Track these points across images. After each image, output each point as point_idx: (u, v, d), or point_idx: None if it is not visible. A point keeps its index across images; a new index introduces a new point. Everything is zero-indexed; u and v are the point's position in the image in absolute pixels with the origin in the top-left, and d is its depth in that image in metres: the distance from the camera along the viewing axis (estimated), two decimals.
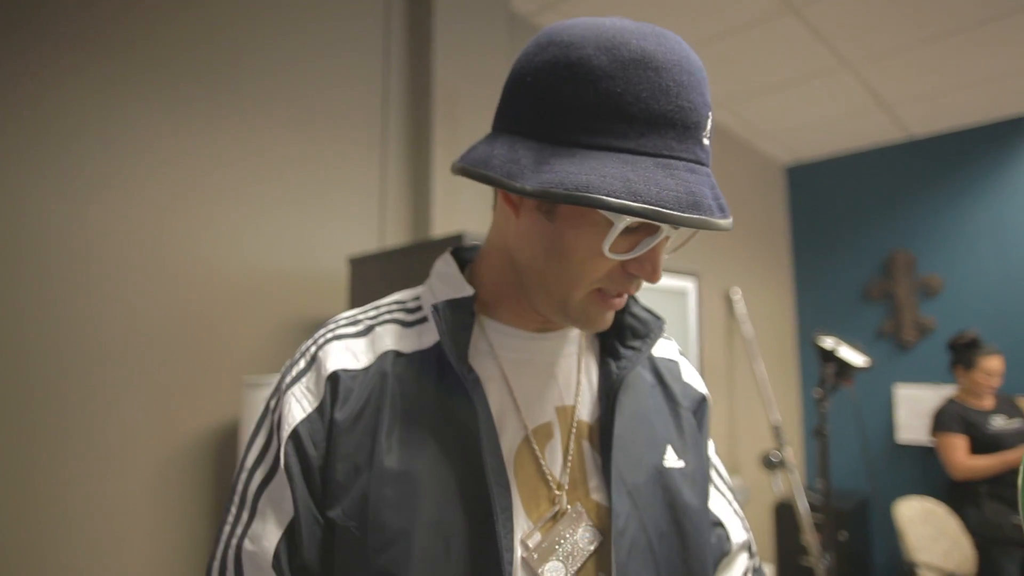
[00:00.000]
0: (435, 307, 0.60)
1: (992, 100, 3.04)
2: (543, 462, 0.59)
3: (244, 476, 0.58)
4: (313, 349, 0.61)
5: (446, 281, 0.64)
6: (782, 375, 3.74)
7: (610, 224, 0.50)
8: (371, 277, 1.52)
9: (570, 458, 0.60)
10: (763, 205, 3.79)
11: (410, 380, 0.58)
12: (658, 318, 0.70)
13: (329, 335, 0.62)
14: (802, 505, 2.69)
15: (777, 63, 2.64)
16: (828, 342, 2.36)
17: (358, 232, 1.78)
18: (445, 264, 0.66)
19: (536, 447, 0.59)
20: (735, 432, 3.24)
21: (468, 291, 0.61)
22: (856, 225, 3.73)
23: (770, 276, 3.76)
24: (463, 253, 0.70)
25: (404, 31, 1.94)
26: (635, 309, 0.69)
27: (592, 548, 0.57)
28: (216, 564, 0.56)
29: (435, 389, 0.58)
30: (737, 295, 3.29)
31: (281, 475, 0.56)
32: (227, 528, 0.57)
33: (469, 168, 0.54)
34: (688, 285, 1.81)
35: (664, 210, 0.46)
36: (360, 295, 1.54)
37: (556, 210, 0.53)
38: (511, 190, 0.50)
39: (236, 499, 0.58)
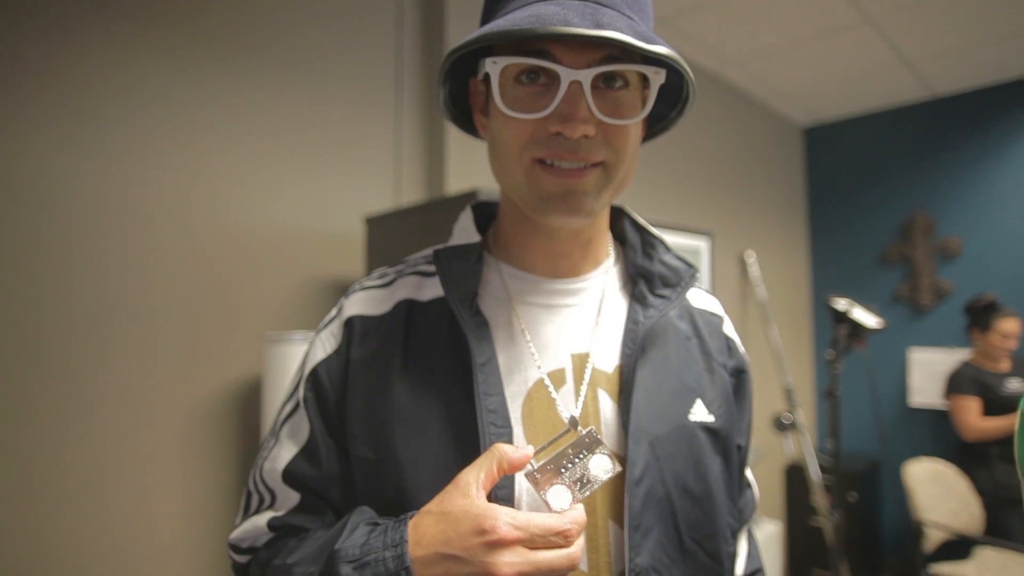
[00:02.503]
0: (436, 253, 0.62)
1: (1018, 56, 2.95)
2: (558, 405, 0.59)
3: (278, 411, 0.65)
4: (343, 300, 0.66)
5: (461, 232, 0.66)
6: (796, 338, 3.74)
7: (496, 79, 0.54)
8: (387, 236, 1.54)
9: (584, 403, 0.60)
10: (780, 167, 3.74)
11: (425, 326, 0.61)
12: (690, 266, 0.70)
13: (358, 287, 0.66)
14: (812, 466, 2.72)
15: (796, 19, 2.58)
16: (841, 303, 2.36)
17: (374, 191, 1.79)
18: (464, 216, 0.68)
19: (551, 390, 0.60)
20: None
21: (474, 238, 0.63)
22: (875, 187, 3.67)
23: (785, 239, 3.73)
24: (490, 207, 0.72)
25: None
26: (666, 258, 0.69)
27: (606, 478, 0.52)
28: (251, 480, 0.64)
29: (447, 333, 0.60)
30: (751, 258, 3.27)
31: (301, 408, 0.62)
32: (262, 452, 0.64)
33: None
34: (701, 245, 1.81)
35: (495, 31, 0.49)
36: (376, 253, 1.56)
37: (488, 103, 0.59)
38: (442, 65, 0.56)
39: (270, 429, 0.65)
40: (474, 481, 0.49)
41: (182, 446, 1.44)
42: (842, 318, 2.34)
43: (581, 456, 0.53)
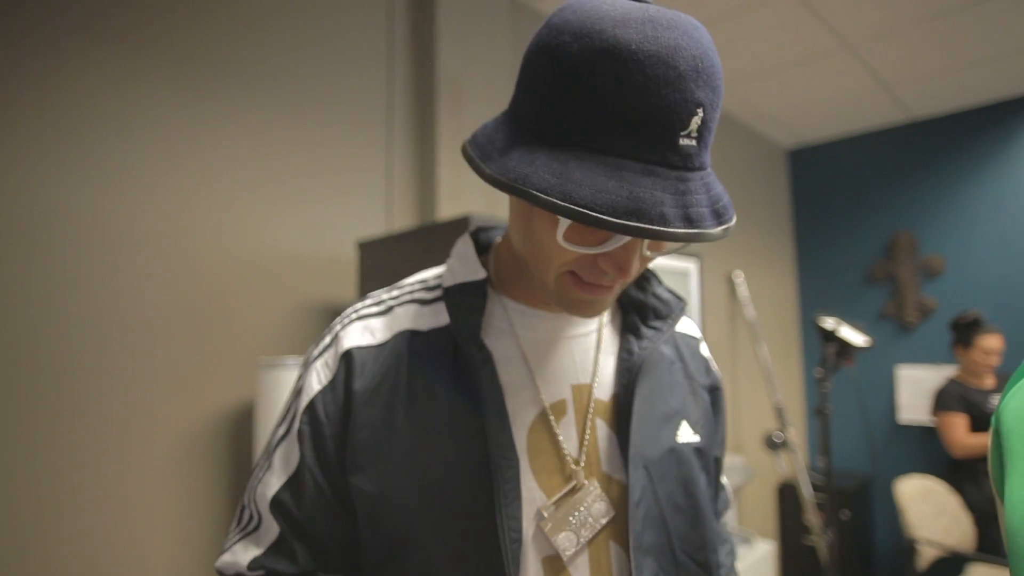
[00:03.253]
0: (446, 290, 0.63)
1: (994, 80, 3.04)
2: (559, 438, 0.61)
3: (272, 430, 0.65)
4: (337, 328, 0.66)
5: (463, 262, 0.67)
6: (785, 357, 3.78)
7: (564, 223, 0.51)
8: (379, 260, 1.56)
9: (587, 436, 0.62)
10: (765, 189, 3.80)
11: (427, 356, 0.62)
12: (680, 299, 0.73)
13: (353, 315, 0.66)
14: (804, 485, 2.73)
15: (777, 45, 2.65)
16: (829, 322, 2.39)
17: (366, 217, 1.81)
18: (464, 245, 0.69)
19: (552, 422, 0.61)
20: (738, 413, 3.28)
21: (480, 275, 0.64)
22: (859, 207, 3.75)
23: (772, 259, 3.78)
24: (486, 234, 0.73)
25: (407, 17, 1.96)
26: (659, 291, 0.72)
27: (604, 521, 0.59)
28: (246, 496, 0.65)
29: (451, 365, 0.61)
30: (739, 278, 3.31)
31: (293, 436, 0.62)
32: (257, 473, 0.65)
33: (464, 143, 0.56)
34: (690, 267, 1.83)
35: (590, 213, 0.45)
36: (369, 278, 1.58)
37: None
38: (476, 171, 0.51)
39: (264, 448, 0.66)
40: None
41: (174, 472, 1.43)
42: (830, 336, 2.38)
43: (584, 505, 0.60)
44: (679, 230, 0.46)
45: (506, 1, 2.10)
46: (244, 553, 0.61)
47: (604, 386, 0.65)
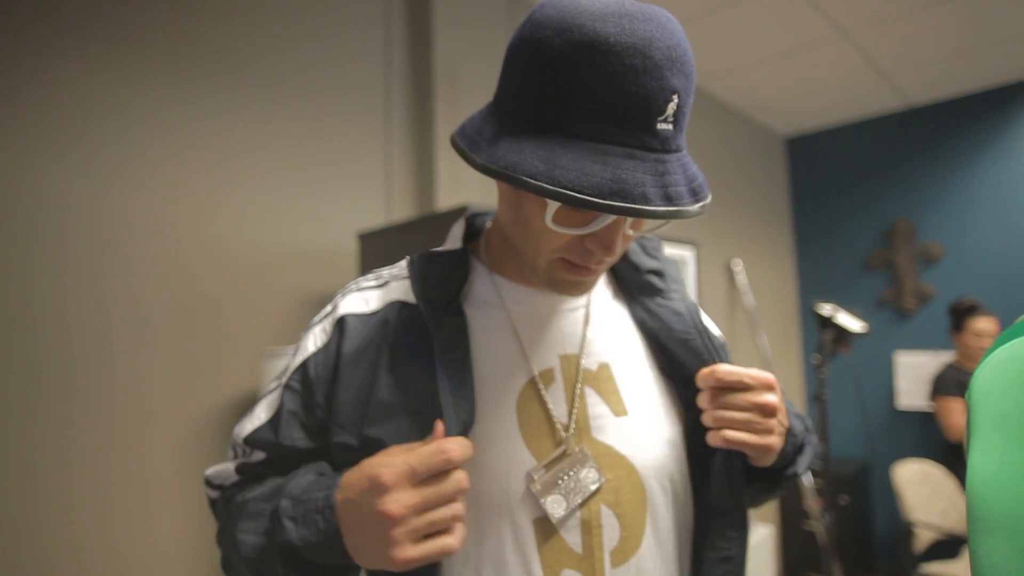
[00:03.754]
0: (410, 258, 0.67)
1: (990, 66, 3.05)
2: (547, 403, 0.64)
3: (264, 390, 0.71)
4: (338, 297, 0.70)
5: (450, 241, 0.71)
6: (784, 345, 3.80)
7: (552, 206, 0.54)
8: (380, 251, 1.58)
9: (576, 403, 0.65)
10: (763, 177, 3.81)
11: (412, 325, 0.65)
12: (672, 261, 0.78)
13: (354, 287, 0.70)
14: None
15: (773, 34, 2.66)
16: (826, 308, 2.41)
17: (366, 208, 1.83)
18: (456, 226, 0.73)
19: (541, 389, 0.64)
20: None
21: (456, 246, 0.68)
22: (857, 195, 3.76)
23: (771, 247, 3.80)
24: (481, 218, 0.76)
25: (404, 10, 1.97)
26: (665, 256, 0.77)
27: (594, 488, 0.61)
28: (231, 445, 0.71)
29: (431, 332, 0.64)
30: (738, 266, 3.33)
31: (280, 390, 0.67)
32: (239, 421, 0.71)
33: (452, 136, 0.59)
34: (687, 254, 1.85)
35: (579, 195, 0.48)
36: (369, 268, 1.59)
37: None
38: (467, 161, 0.54)
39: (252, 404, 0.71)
40: (400, 449, 0.55)
41: (178, 461, 1.46)
42: (827, 323, 2.40)
43: (574, 470, 0.62)
44: (660, 208, 0.50)
45: None
46: (232, 463, 0.69)
47: (592, 356, 0.68)
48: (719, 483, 0.67)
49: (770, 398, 0.63)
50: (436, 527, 0.52)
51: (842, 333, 2.38)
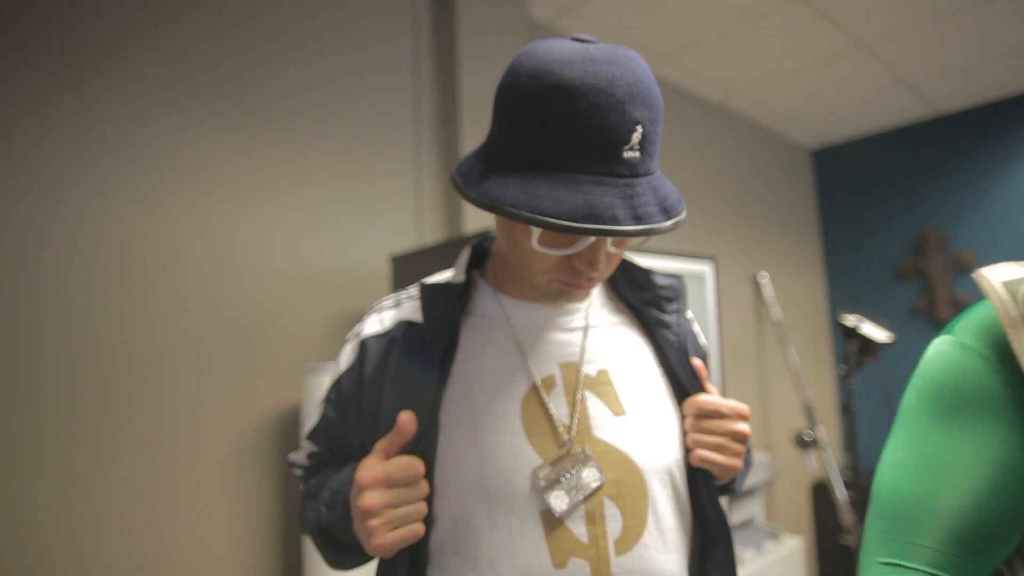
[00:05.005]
0: (421, 287, 0.76)
1: (1018, 72, 3.03)
2: (549, 407, 0.71)
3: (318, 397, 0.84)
4: (365, 318, 0.81)
5: (456, 267, 0.80)
6: (815, 356, 3.78)
7: (536, 231, 0.63)
8: (411, 272, 1.68)
9: (577, 405, 0.72)
10: (789, 190, 3.83)
11: (415, 344, 0.74)
12: (678, 278, 0.85)
13: (376, 307, 0.81)
14: (836, 483, 2.75)
15: (792, 49, 2.70)
16: (850, 319, 2.43)
17: (398, 232, 1.94)
18: (464, 254, 0.81)
19: (543, 394, 0.72)
20: (768, 412, 3.31)
21: (459, 279, 0.77)
22: (886, 204, 3.73)
23: (799, 259, 3.80)
24: (490, 242, 0.85)
25: (431, 46, 2.10)
26: (659, 280, 0.83)
27: (595, 485, 0.67)
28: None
29: (432, 348, 0.73)
30: (765, 279, 3.35)
31: (322, 401, 0.80)
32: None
33: (451, 173, 0.69)
34: (705, 269, 1.91)
35: (554, 221, 0.56)
36: (401, 288, 1.71)
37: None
38: (462, 195, 0.64)
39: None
40: (379, 448, 0.66)
41: (228, 472, 1.58)
42: (852, 334, 2.41)
43: (576, 469, 0.68)
44: (629, 227, 0.57)
45: (523, 24, 2.22)
46: (304, 449, 0.84)
47: (594, 363, 0.75)
48: (702, 492, 0.75)
49: (742, 427, 0.73)
50: (407, 519, 0.64)
51: (867, 344, 2.40)
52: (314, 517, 0.74)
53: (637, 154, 0.60)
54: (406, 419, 0.65)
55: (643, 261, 0.85)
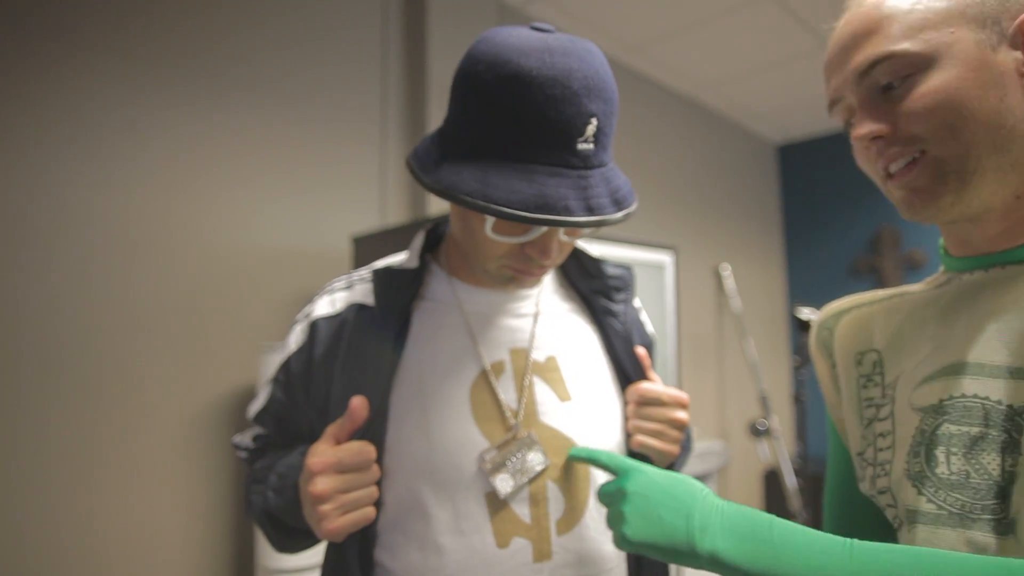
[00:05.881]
0: (374, 272, 0.76)
1: None
2: (497, 391, 0.73)
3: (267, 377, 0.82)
4: (316, 298, 0.80)
5: (410, 252, 0.80)
6: (773, 348, 3.88)
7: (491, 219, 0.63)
8: (373, 254, 1.66)
9: (524, 390, 0.73)
10: (755, 183, 3.90)
11: (367, 327, 0.74)
12: (628, 268, 0.87)
13: (326, 289, 0.80)
14: (787, 471, 2.84)
15: (759, 46, 2.75)
16: (804, 312, 2.50)
17: (361, 212, 1.92)
18: (417, 238, 0.81)
19: (492, 379, 0.73)
20: (724, 401, 3.40)
21: (412, 264, 0.77)
22: (846, 202, 3.84)
23: (761, 252, 3.88)
24: (444, 226, 0.84)
25: (400, 22, 2.07)
26: (609, 270, 0.84)
27: (539, 468, 0.70)
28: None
29: (380, 334, 0.74)
30: (727, 271, 3.42)
31: (270, 382, 0.79)
32: None
33: (407, 158, 0.69)
34: (665, 259, 1.94)
35: (507, 210, 0.57)
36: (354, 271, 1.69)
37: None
38: (417, 181, 0.64)
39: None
40: (330, 432, 0.66)
41: (181, 451, 1.56)
42: (805, 327, 2.48)
43: (521, 453, 0.69)
44: (582, 218, 0.59)
45: (495, 10, 2.21)
46: (250, 431, 0.83)
47: (543, 349, 0.77)
48: None
49: (680, 415, 0.75)
50: (358, 504, 0.63)
51: None
52: (261, 501, 0.73)
53: (591, 146, 0.61)
54: (358, 404, 0.65)
55: (598, 250, 0.87)
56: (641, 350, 0.81)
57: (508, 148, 0.60)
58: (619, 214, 0.62)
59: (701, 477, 2.67)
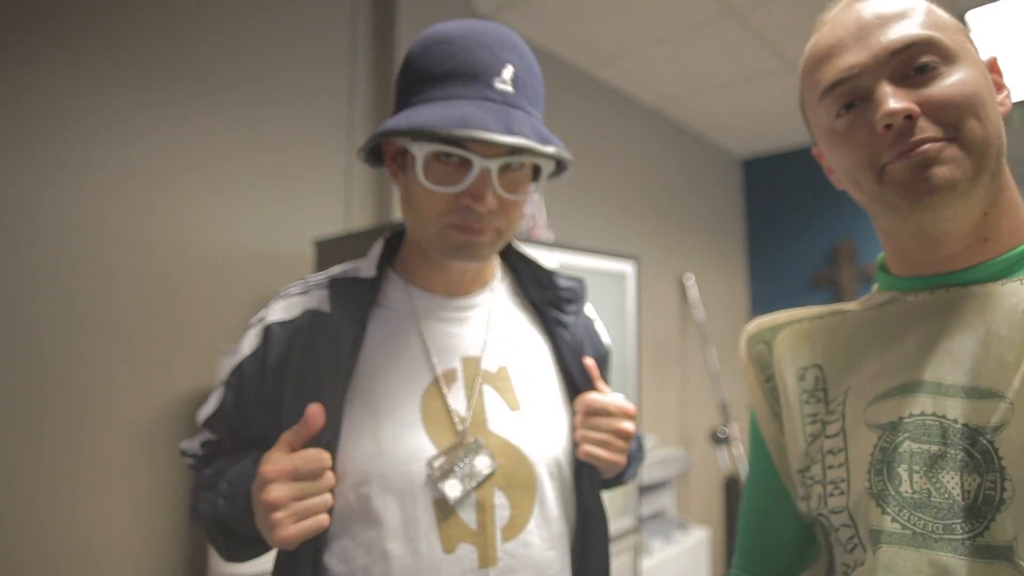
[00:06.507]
0: (331, 280, 0.76)
1: None
2: (448, 400, 0.74)
3: (217, 381, 0.81)
4: (271, 303, 0.79)
5: (368, 260, 0.80)
6: (734, 357, 3.96)
7: (421, 160, 0.66)
8: (336, 258, 1.66)
9: (474, 400, 0.75)
10: (720, 196, 3.98)
11: (322, 333, 0.74)
12: (580, 281, 0.88)
13: (280, 294, 0.80)
14: (744, 477, 2.91)
15: (723, 63, 2.81)
16: None
17: (325, 215, 1.91)
18: (376, 245, 0.82)
19: (443, 387, 0.74)
20: (686, 409, 3.45)
21: (370, 273, 0.77)
22: (807, 216, 3.95)
23: (725, 263, 3.97)
24: (399, 237, 0.85)
25: (369, 27, 2.07)
26: (561, 282, 0.86)
27: (487, 472, 0.71)
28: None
29: (335, 342, 0.73)
30: (691, 281, 3.48)
31: (222, 386, 0.78)
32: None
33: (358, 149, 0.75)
34: (627, 268, 1.97)
35: (426, 126, 0.62)
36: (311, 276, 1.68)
37: (405, 162, 0.73)
38: (370, 138, 0.70)
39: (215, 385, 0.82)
40: (284, 440, 0.66)
41: (133, 456, 1.52)
42: None
43: (469, 458, 0.71)
44: (499, 136, 0.62)
45: (464, 14, 2.22)
46: (198, 436, 0.82)
47: (494, 358, 0.78)
48: (586, 484, 0.79)
49: (627, 425, 0.77)
50: (311, 511, 0.64)
51: None
52: (210, 509, 0.72)
53: (510, 88, 0.67)
54: (315, 412, 0.65)
55: (559, 259, 0.88)
56: (589, 361, 0.82)
57: (433, 92, 0.67)
58: (546, 148, 0.65)
59: (661, 484, 2.71)
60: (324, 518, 0.65)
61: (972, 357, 0.51)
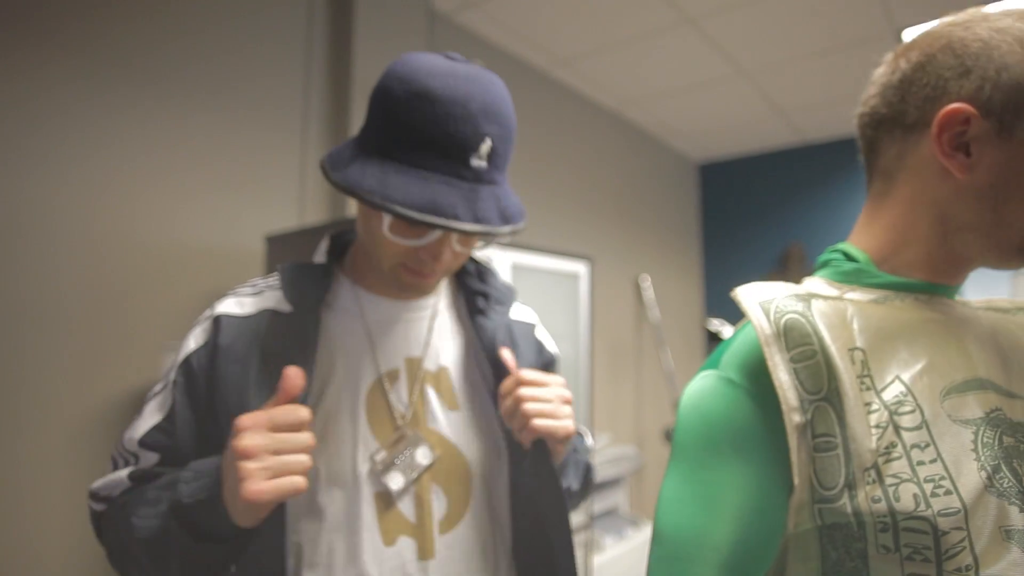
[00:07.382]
0: (281, 267, 0.77)
1: None
2: (390, 398, 0.76)
3: (148, 393, 0.76)
4: (219, 301, 0.77)
5: (318, 254, 0.82)
6: (688, 357, 4.05)
7: (387, 217, 0.67)
8: (288, 255, 1.64)
9: (415, 397, 0.77)
10: (676, 199, 4.06)
11: (281, 333, 0.73)
12: (511, 289, 0.91)
13: (231, 293, 0.79)
14: None
15: (680, 69, 2.87)
16: (714, 324, 2.64)
17: (277, 211, 1.89)
18: (323, 243, 0.84)
19: (386, 386, 0.76)
20: (641, 408, 3.51)
21: (321, 259, 0.79)
22: (759, 220, 4.07)
23: (680, 265, 4.05)
24: (350, 235, 0.86)
25: (326, 23, 2.05)
26: (497, 283, 0.88)
27: (426, 463, 0.73)
28: (113, 448, 0.74)
29: (295, 339, 0.73)
30: (646, 282, 3.55)
31: (169, 388, 0.73)
32: (124, 431, 0.74)
33: (321, 158, 0.71)
34: (580, 269, 2.00)
35: (400, 209, 0.61)
36: (275, 271, 1.66)
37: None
38: (326, 178, 0.67)
39: (137, 409, 0.76)
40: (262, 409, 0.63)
41: (76, 448, 1.48)
42: (714, 338, 2.62)
43: (409, 451, 0.73)
44: (467, 225, 0.64)
45: (424, 14, 2.22)
46: (122, 472, 0.71)
47: (434, 359, 0.80)
48: (529, 476, 0.78)
49: (565, 391, 0.78)
50: (287, 468, 0.58)
51: None
52: (156, 522, 0.63)
53: (484, 164, 0.67)
54: (294, 373, 0.61)
55: (513, 258, 0.90)
56: (506, 352, 0.80)
57: (410, 155, 0.65)
58: (505, 228, 0.67)
59: (614, 481, 2.75)
60: (300, 480, 0.58)
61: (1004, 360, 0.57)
